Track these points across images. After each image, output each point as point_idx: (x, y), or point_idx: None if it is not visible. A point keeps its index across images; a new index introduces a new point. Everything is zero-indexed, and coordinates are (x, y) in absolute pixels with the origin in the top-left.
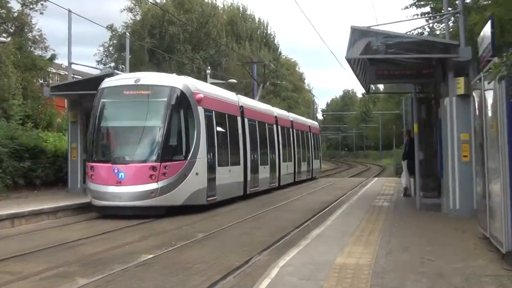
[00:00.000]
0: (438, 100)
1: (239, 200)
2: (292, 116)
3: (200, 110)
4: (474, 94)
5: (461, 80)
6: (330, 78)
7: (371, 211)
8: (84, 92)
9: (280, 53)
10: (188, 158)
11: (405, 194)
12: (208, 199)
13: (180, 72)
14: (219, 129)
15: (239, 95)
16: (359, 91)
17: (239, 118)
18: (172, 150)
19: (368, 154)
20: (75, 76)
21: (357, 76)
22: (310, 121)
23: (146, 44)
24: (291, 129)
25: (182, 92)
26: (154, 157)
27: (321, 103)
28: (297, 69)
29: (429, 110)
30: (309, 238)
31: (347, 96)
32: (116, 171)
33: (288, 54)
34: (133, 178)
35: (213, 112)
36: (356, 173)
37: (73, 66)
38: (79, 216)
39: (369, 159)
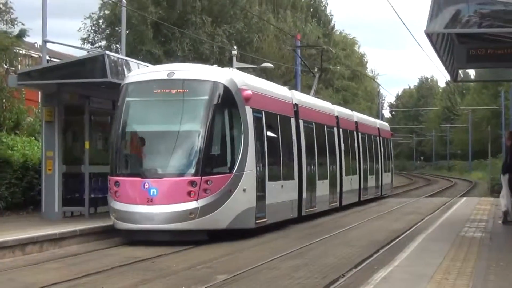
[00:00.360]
0: None
1: (291, 223)
2: (356, 115)
3: (248, 111)
4: None
5: None
6: (401, 62)
7: (457, 244)
8: (64, 81)
9: (334, 28)
10: (234, 171)
11: (505, 221)
12: (257, 221)
13: (195, 53)
14: (269, 134)
15: (293, 91)
16: (441, 78)
17: (293, 120)
18: (215, 160)
19: (453, 165)
20: (52, 59)
21: (441, 58)
22: (379, 122)
23: (149, 15)
24: (355, 133)
25: (226, 88)
26: (193, 170)
27: (389, 95)
28: (356, 49)
29: None
30: (371, 283)
31: (425, 86)
32: (147, 186)
33: (345, 29)
34: (168, 195)
35: (263, 112)
36: (437, 191)
37: (49, 45)
38: (57, 251)
39: (454, 172)
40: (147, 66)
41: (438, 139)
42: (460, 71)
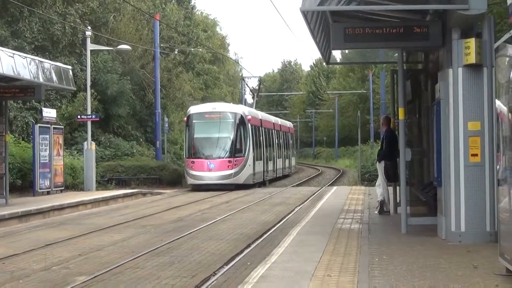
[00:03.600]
0: (432, 74)
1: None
2: (280, 120)
3: (250, 126)
4: (497, 63)
5: (471, 42)
6: (264, 44)
7: (335, 237)
8: None
9: (194, 7)
10: (245, 155)
11: (382, 211)
12: (253, 181)
13: (45, 34)
14: (255, 137)
15: (258, 111)
16: (305, 62)
17: (260, 128)
18: (238, 150)
19: (319, 153)
20: None
21: (315, 39)
22: (288, 123)
23: None
24: (280, 132)
25: (241, 116)
26: (230, 154)
27: (252, 79)
28: (217, 30)
29: (415, 89)
30: (249, 282)
31: (288, 70)
32: (208, 163)
33: (205, 9)
34: (219, 167)
35: (253, 126)
36: (303, 180)
37: None
38: None
39: (319, 160)
40: None
41: (303, 125)
42: (333, 52)
